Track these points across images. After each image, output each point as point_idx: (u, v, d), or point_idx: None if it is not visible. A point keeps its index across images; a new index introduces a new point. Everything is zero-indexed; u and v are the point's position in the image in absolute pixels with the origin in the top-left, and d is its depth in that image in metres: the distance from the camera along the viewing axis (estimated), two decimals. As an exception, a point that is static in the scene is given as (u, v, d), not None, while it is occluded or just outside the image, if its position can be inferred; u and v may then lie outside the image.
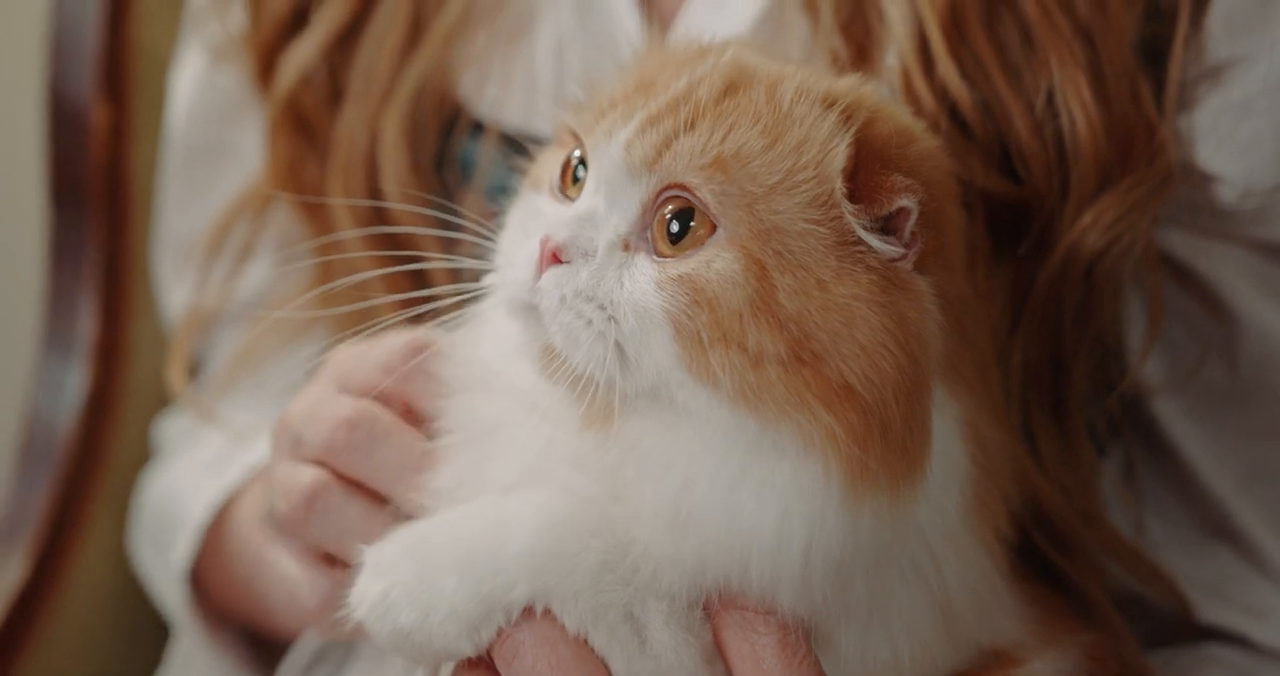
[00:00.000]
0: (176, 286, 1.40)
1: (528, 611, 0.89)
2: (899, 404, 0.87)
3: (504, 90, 1.23)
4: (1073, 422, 1.11)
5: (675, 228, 0.89)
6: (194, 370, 1.43)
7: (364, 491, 0.98)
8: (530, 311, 0.90)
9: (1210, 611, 1.14)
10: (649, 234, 0.90)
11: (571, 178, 0.94)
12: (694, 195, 0.88)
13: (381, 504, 0.98)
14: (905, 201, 0.88)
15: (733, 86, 0.90)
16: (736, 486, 0.87)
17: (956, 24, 1.08)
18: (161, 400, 1.45)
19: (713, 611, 0.90)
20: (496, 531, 0.90)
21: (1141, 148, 1.07)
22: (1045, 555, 1.07)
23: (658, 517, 0.89)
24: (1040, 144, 1.07)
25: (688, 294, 0.87)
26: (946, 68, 1.07)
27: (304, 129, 1.26)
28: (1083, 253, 1.07)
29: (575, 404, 0.90)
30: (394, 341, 0.99)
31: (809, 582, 0.88)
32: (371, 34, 1.23)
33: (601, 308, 0.89)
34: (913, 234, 0.89)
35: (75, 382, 1.44)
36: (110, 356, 1.46)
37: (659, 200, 0.89)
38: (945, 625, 0.93)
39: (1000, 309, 1.09)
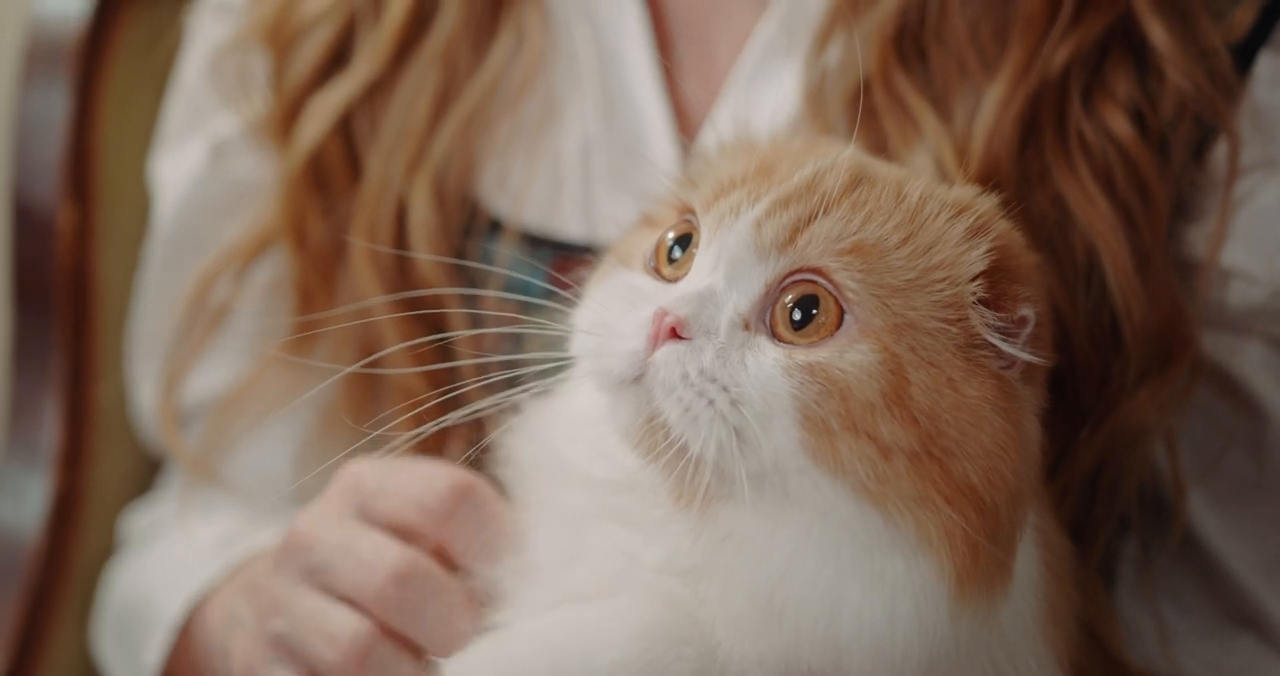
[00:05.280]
0: (149, 382, 1.33)
1: None
2: (1009, 508, 0.86)
3: (525, 186, 1.20)
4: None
5: (798, 315, 0.86)
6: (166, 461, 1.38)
7: (409, 644, 0.95)
8: (628, 385, 0.87)
9: None
10: (768, 316, 0.87)
11: (666, 257, 0.91)
12: (828, 280, 0.86)
13: (423, 656, 0.94)
14: (1026, 311, 0.87)
15: (857, 180, 0.89)
16: (844, 578, 0.85)
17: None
18: (126, 506, 1.38)
19: None
20: (586, 641, 0.86)
21: (1179, 330, 1.08)
22: None
23: (750, 607, 0.86)
24: (1080, 321, 1.07)
25: (820, 383, 0.85)
26: None
27: (322, 185, 1.22)
28: (1131, 432, 1.08)
29: (673, 484, 0.87)
30: (434, 478, 0.95)
31: None
32: (402, 93, 1.20)
33: (725, 389, 0.85)
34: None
35: (39, 490, 1.38)
36: (75, 463, 1.39)
37: (784, 283, 0.87)
38: (1022, 726, 0.91)
39: None
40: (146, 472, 1.40)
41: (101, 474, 1.40)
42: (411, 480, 0.97)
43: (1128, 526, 1.16)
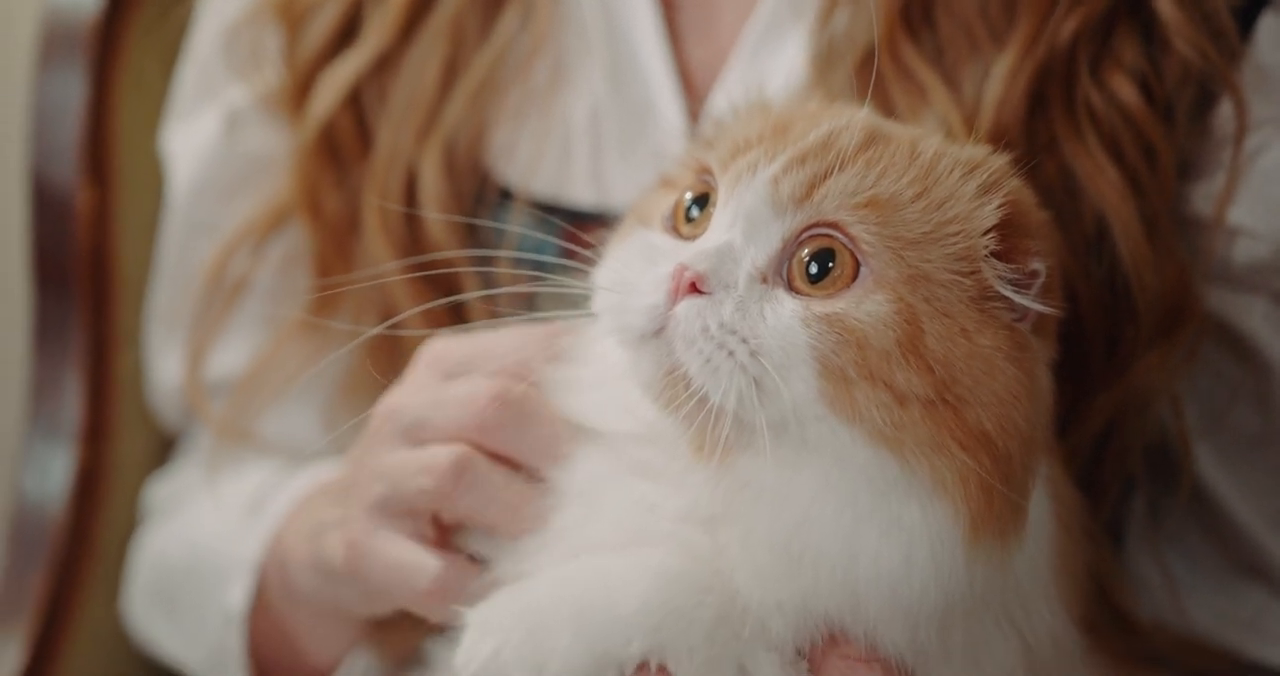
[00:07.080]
0: (166, 357, 1.34)
1: (641, 667, 0.87)
2: (1022, 455, 0.87)
3: (535, 154, 1.21)
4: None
5: (815, 268, 0.88)
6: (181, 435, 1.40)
7: (508, 462, 0.96)
8: (649, 339, 0.88)
9: (1254, 648, 1.15)
10: (785, 270, 0.88)
11: (684, 216, 0.93)
12: (844, 233, 0.87)
13: (523, 472, 0.95)
14: (1038, 264, 0.89)
15: (872, 139, 0.90)
16: (861, 524, 0.86)
17: None
18: (149, 479, 1.40)
19: (816, 660, 0.88)
20: (610, 590, 0.88)
21: (1186, 293, 1.09)
22: None
23: (770, 554, 0.87)
24: (1091, 288, 1.08)
25: (837, 333, 0.86)
26: None
27: (334, 157, 1.23)
28: (1142, 395, 1.10)
29: (693, 435, 0.88)
30: (518, 331, 0.97)
31: (916, 624, 0.87)
32: (410, 65, 1.21)
33: (744, 340, 0.87)
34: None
35: (63, 465, 1.39)
36: (97, 438, 1.40)
37: (800, 237, 0.88)
38: (1032, 673, 0.93)
39: None
40: (168, 447, 1.42)
41: (124, 448, 1.41)
42: (502, 345, 0.98)
43: (1135, 483, 1.17)
